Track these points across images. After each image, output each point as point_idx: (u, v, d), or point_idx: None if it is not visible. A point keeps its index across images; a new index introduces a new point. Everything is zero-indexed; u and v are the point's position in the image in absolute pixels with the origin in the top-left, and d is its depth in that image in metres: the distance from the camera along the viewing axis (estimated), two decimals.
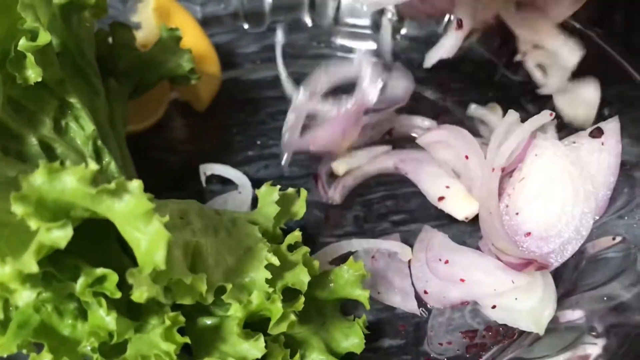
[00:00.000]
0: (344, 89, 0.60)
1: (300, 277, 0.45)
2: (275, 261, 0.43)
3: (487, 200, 0.57)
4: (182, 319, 0.40)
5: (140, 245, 0.33)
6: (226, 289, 0.41)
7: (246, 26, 0.79)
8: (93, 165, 0.34)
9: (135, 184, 0.34)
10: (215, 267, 0.41)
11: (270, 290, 0.42)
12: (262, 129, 0.70)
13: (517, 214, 0.56)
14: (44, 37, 0.44)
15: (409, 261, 0.57)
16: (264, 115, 0.71)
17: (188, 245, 0.40)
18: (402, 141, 0.67)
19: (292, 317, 0.43)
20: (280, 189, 0.51)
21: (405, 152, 0.66)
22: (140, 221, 0.33)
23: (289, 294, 0.45)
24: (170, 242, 0.33)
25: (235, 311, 0.43)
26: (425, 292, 0.55)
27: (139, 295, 0.34)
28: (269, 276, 0.42)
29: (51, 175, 0.34)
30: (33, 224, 0.32)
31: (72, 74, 0.52)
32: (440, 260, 0.56)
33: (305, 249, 0.47)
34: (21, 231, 0.33)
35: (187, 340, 0.39)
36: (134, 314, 0.40)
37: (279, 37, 0.62)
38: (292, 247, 0.47)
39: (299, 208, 0.52)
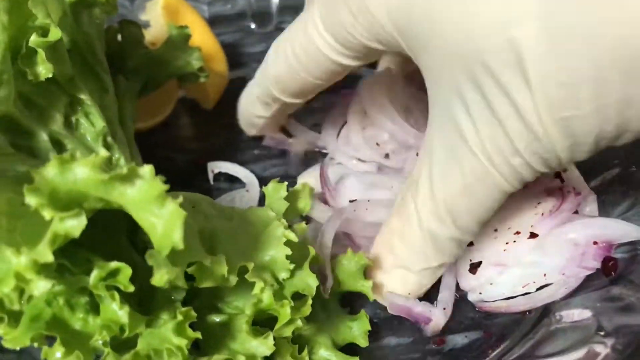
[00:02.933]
0: None
1: (308, 282, 0.45)
2: (294, 237, 0.44)
3: None
4: (193, 314, 0.40)
5: (156, 228, 0.33)
6: (248, 268, 0.41)
7: (253, 26, 0.79)
8: (104, 153, 0.34)
9: (146, 169, 0.34)
10: (234, 249, 0.42)
11: (292, 266, 0.43)
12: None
13: None
14: (55, 34, 0.45)
15: None
16: None
17: (203, 229, 0.40)
18: None
19: (299, 322, 0.44)
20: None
21: None
22: (154, 204, 0.34)
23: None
24: (186, 221, 0.33)
25: (245, 309, 0.44)
26: None
27: (159, 278, 0.34)
28: (289, 252, 0.43)
29: (63, 166, 0.34)
30: (47, 214, 0.32)
31: (82, 71, 0.52)
32: None
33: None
34: (35, 223, 0.33)
35: (198, 335, 0.39)
36: (145, 308, 0.41)
37: None
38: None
39: (305, 204, 0.52)
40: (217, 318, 0.44)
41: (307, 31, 0.50)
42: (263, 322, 0.46)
